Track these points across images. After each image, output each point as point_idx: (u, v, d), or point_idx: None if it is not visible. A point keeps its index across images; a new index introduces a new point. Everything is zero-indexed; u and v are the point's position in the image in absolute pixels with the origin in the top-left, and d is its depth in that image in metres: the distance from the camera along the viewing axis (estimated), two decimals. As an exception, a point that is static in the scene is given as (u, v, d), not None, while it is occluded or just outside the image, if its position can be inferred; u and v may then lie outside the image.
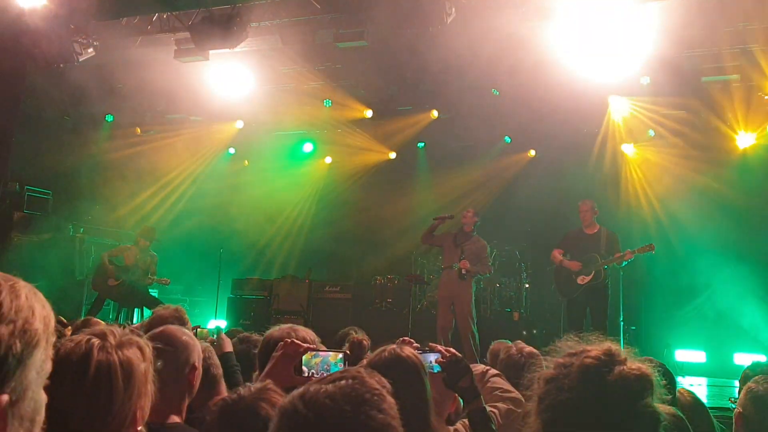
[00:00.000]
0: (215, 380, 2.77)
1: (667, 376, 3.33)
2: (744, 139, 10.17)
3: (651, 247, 7.53)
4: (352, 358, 3.21)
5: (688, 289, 9.93)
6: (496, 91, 10.16)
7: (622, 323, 8.25)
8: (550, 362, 1.61)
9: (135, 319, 9.43)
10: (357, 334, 4.33)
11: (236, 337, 4.19)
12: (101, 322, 3.89)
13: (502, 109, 10.43)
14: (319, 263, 12.25)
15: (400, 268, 11.43)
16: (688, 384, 8.10)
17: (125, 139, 12.53)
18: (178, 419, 2.33)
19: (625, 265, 7.81)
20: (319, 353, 2.38)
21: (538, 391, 1.59)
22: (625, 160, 11.07)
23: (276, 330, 2.68)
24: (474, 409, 2.47)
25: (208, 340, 3.86)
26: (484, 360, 3.98)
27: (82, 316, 8.78)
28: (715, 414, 3.58)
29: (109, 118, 12.20)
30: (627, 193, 10.89)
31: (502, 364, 3.61)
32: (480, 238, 8.54)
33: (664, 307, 10.12)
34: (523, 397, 2.87)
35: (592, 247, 7.83)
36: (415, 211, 11.50)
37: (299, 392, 1.22)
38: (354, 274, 11.89)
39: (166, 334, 2.40)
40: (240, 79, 10.64)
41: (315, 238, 12.46)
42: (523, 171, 11.60)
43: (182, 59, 9.42)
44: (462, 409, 2.67)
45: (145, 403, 1.73)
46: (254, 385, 1.96)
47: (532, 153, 11.80)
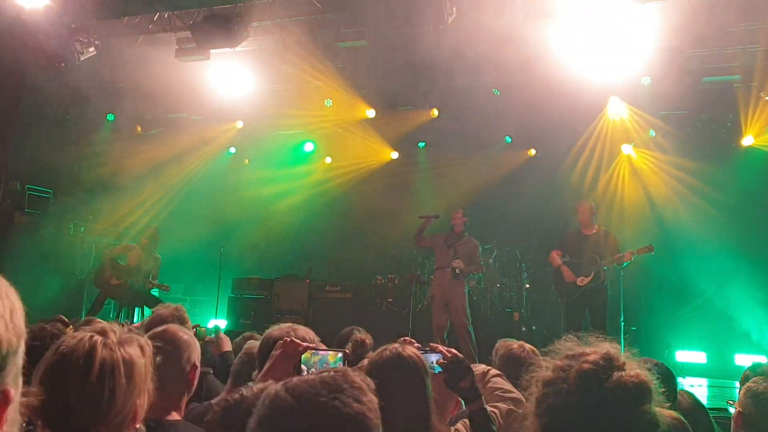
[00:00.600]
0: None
1: (668, 376, 3.33)
2: (745, 140, 10.18)
3: (650, 248, 7.53)
4: (354, 358, 3.21)
5: (688, 290, 9.94)
6: (496, 91, 10.15)
7: (623, 324, 8.25)
8: (549, 363, 1.61)
9: (135, 319, 9.42)
10: (360, 334, 4.33)
11: (241, 336, 4.20)
12: (103, 322, 3.89)
13: (503, 109, 10.42)
14: (320, 263, 12.24)
15: (401, 267, 11.44)
16: (689, 385, 8.11)
17: (126, 138, 12.52)
18: (178, 416, 2.36)
19: (625, 266, 7.80)
20: (319, 352, 2.38)
21: (537, 393, 1.59)
22: (626, 160, 11.07)
23: (275, 329, 2.68)
24: (475, 410, 2.47)
25: (206, 339, 3.87)
26: (489, 358, 3.98)
27: (83, 316, 8.82)
28: (714, 415, 3.58)
29: (110, 117, 12.19)
30: (627, 193, 10.88)
31: (503, 359, 3.61)
32: (471, 239, 8.58)
33: (665, 307, 10.12)
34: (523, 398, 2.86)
35: (590, 247, 7.82)
36: (416, 211, 11.47)
37: (286, 382, 1.31)
38: (354, 273, 11.88)
39: (168, 334, 2.44)
40: (241, 79, 10.62)
41: (315, 237, 12.45)
42: (524, 171, 11.58)
43: (183, 58, 9.42)
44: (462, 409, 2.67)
45: (144, 401, 1.74)
46: (256, 386, 1.96)
47: (532, 152, 11.78)
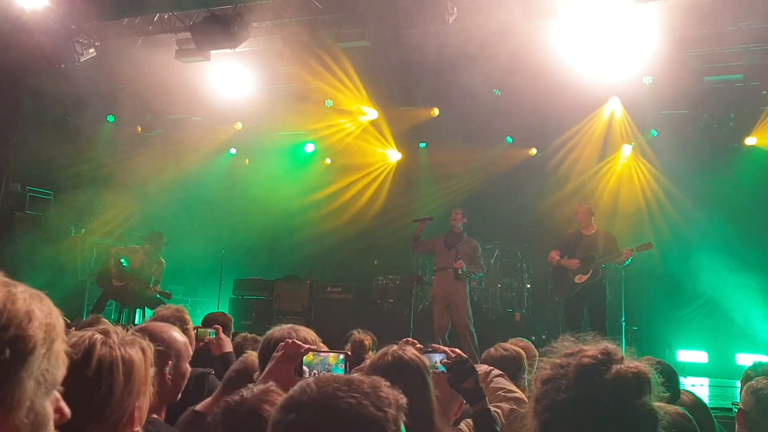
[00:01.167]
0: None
1: (670, 374, 3.32)
2: (746, 140, 10.17)
3: (649, 245, 7.57)
4: (353, 358, 3.19)
5: (689, 290, 9.93)
6: (497, 91, 10.14)
7: (624, 324, 8.25)
8: (547, 363, 1.60)
9: (137, 320, 9.42)
10: (359, 334, 4.33)
11: (241, 336, 4.19)
12: (108, 323, 3.88)
13: (504, 109, 10.41)
14: (321, 264, 12.24)
15: (402, 268, 11.43)
16: (690, 384, 8.09)
17: (126, 139, 12.52)
18: (157, 416, 2.32)
19: (627, 265, 7.81)
20: (320, 353, 2.37)
21: (536, 392, 1.59)
22: (627, 160, 11.05)
23: (277, 330, 2.67)
24: (478, 410, 2.46)
25: (206, 340, 3.84)
26: None
27: (84, 317, 8.81)
28: (716, 414, 3.57)
29: (111, 118, 12.19)
30: (629, 193, 10.86)
31: (494, 360, 3.59)
32: (471, 239, 8.61)
33: (666, 307, 10.11)
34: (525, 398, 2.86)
35: (590, 248, 7.83)
36: (417, 211, 11.48)
37: (318, 376, 1.30)
38: (355, 274, 11.87)
39: (149, 331, 2.33)
40: (241, 80, 10.62)
41: (316, 238, 12.43)
42: (525, 171, 11.57)
43: (183, 59, 9.41)
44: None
45: (144, 403, 1.73)
46: (257, 387, 1.95)
47: (533, 152, 11.77)
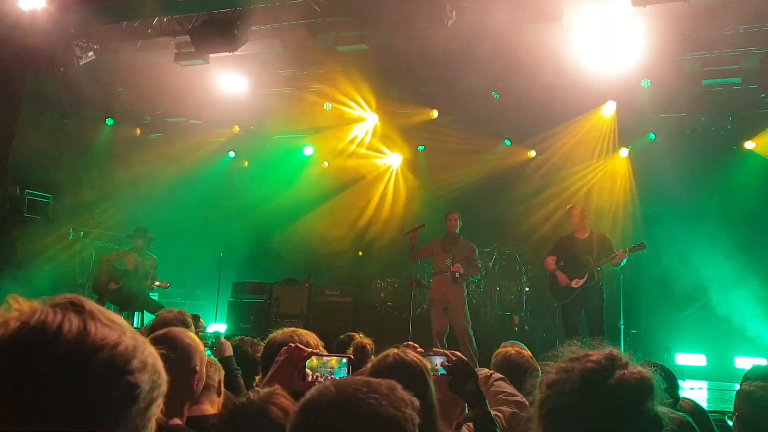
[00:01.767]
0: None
1: (670, 377, 3.32)
2: (745, 144, 10.19)
3: (642, 246, 7.65)
4: (355, 362, 3.20)
5: (688, 293, 9.93)
6: (496, 94, 10.17)
7: (623, 327, 8.26)
8: (552, 367, 1.61)
9: (135, 323, 9.40)
10: (361, 338, 4.33)
11: (238, 338, 4.18)
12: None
13: (502, 112, 10.43)
14: (319, 267, 12.24)
15: (400, 271, 11.42)
16: (689, 387, 8.10)
17: (125, 142, 12.52)
18: (179, 421, 2.34)
19: (623, 266, 7.84)
20: (323, 357, 2.38)
21: (540, 396, 1.59)
22: (625, 163, 11.08)
23: (279, 333, 2.68)
24: (479, 414, 2.46)
25: (205, 345, 3.84)
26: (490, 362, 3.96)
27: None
28: (714, 418, 3.57)
29: (110, 121, 12.20)
30: (627, 196, 10.88)
31: (498, 364, 3.59)
32: (468, 242, 8.61)
33: (665, 310, 10.12)
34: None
35: (584, 251, 7.85)
36: (416, 214, 11.50)
37: (336, 379, 1.33)
38: (354, 277, 11.87)
39: (169, 337, 2.39)
40: (240, 83, 10.64)
41: (315, 241, 12.43)
42: (523, 173, 11.59)
43: (182, 63, 9.41)
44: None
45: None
46: (263, 390, 1.96)
47: (531, 154, 11.78)
